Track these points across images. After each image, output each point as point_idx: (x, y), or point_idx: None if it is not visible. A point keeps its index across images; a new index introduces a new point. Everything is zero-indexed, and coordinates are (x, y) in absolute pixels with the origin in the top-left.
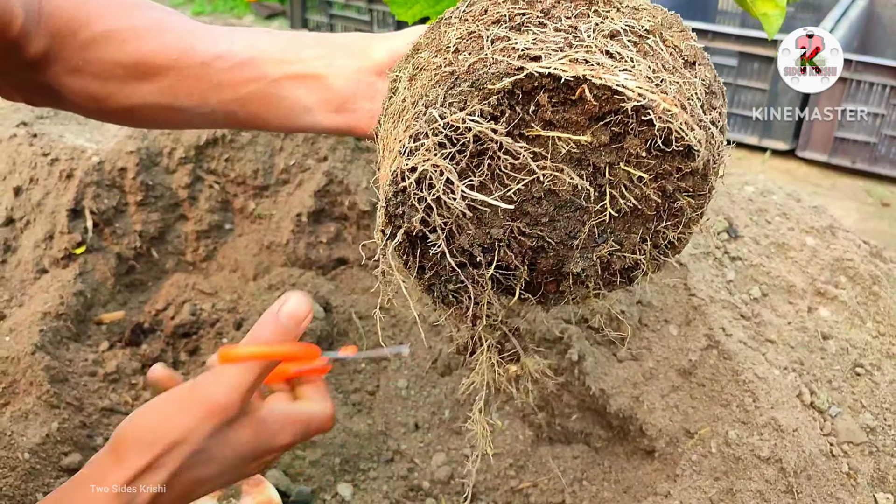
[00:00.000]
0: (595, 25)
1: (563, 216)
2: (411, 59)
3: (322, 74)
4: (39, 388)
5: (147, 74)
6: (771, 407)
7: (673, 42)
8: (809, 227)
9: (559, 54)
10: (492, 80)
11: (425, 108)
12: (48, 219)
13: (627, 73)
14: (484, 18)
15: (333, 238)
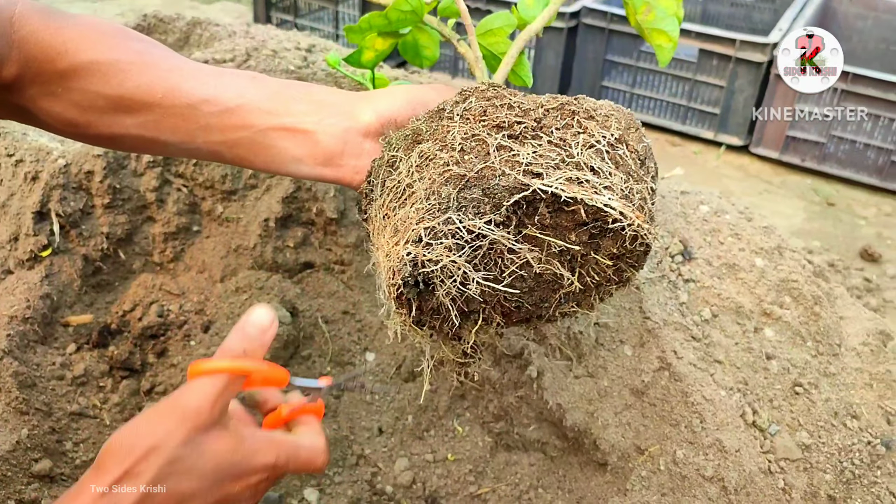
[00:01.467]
0: (580, 139)
1: (541, 288)
2: (414, 146)
3: (311, 131)
4: (8, 395)
5: (130, 109)
6: (716, 428)
7: (633, 146)
8: (759, 248)
9: (557, 172)
10: (503, 192)
11: (439, 206)
12: (13, 220)
13: (610, 192)
14: (485, 121)
15: (300, 242)
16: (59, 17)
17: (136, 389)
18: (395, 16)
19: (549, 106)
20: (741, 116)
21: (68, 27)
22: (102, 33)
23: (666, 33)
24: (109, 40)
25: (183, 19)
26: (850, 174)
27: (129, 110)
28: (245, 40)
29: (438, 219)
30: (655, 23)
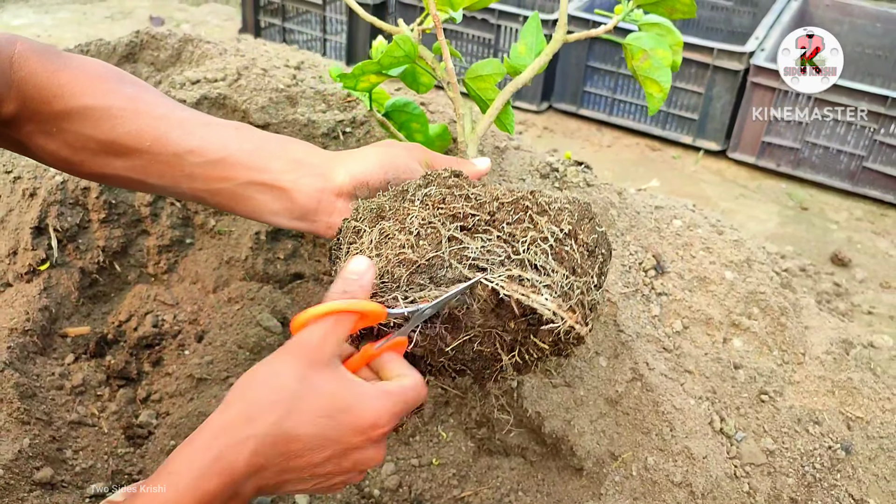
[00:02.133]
0: (528, 235)
1: (482, 359)
2: (377, 222)
3: (288, 189)
4: (10, 406)
5: (120, 153)
6: (685, 436)
7: (583, 239)
8: (729, 261)
9: (501, 269)
10: (448, 283)
11: (391, 287)
12: (11, 235)
13: (549, 290)
14: (442, 209)
15: (290, 254)
16: (56, 59)
17: (133, 398)
18: (388, 62)
19: (503, 200)
20: (719, 122)
21: (64, 70)
22: (97, 77)
23: (658, 84)
24: (103, 85)
25: (175, 36)
26: (823, 179)
27: (118, 154)
28: (236, 58)
29: (388, 297)
30: (649, 71)
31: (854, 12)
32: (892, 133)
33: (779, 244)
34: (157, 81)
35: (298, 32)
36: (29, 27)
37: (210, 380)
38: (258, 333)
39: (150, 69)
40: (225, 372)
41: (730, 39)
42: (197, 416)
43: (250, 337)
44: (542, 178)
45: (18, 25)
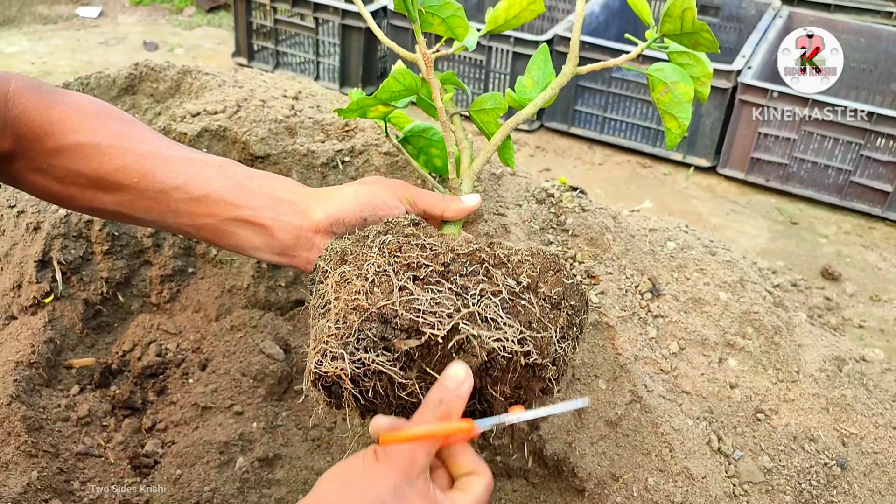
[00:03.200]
0: (481, 289)
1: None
2: (339, 266)
3: (268, 226)
4: (18, 439)
5: (109, 189)
6: (684, 456)
7: (544, 292)
8: (722, 282)
9: (449, 324)
10: (397, 333)
11: (343, 333)
12: (16, 269)
13: (499, 343)
14: (398, 258)
15: (291, 282)
16: (48, 97)
17: (139, 427)
18: (385, 96)
19: (459, 251)
20: (708, 139)
21: (56, 107)
22: (87, 114)
23: (677, 120)
24: (93, 122)
25: (173, 68)
26: (811, 193)
27: (107, 189)
28: (234, 90)
29: (339, 343)
30: (669, 106)
31: (837, 27)
32: (878, 147)
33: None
34: (157, 113)
35: (291, 55)
36: (23, 54)
37: (215, 408)
38: (261, 361)
39: (150, 101)
40: (229, 400)
41: (716, 56)
42: (203, 444)
43: (253, 364)
44: (538, 203)
45: (12, 53)
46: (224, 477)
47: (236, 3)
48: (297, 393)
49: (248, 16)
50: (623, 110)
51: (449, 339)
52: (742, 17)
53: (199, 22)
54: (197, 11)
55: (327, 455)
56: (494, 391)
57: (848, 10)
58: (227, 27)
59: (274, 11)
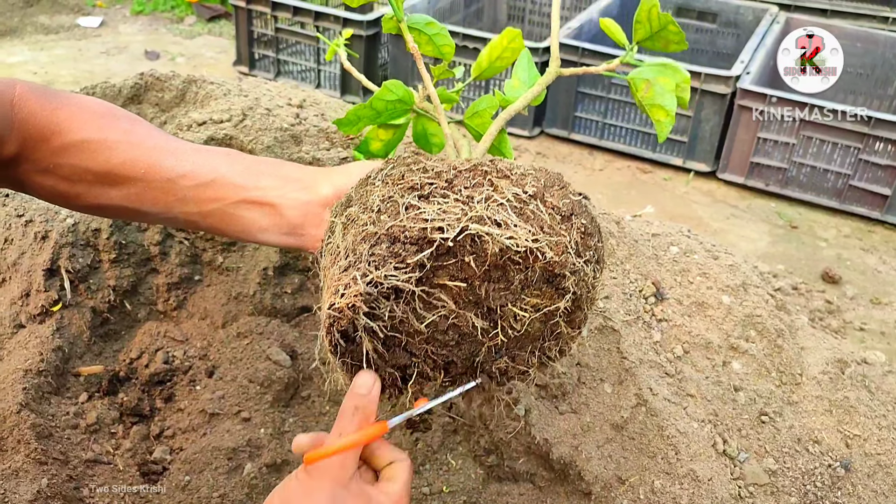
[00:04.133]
0: (485, 194)
1: (467, 341)
2: (345, 210)
3: (277, 204)
4: (27, 447)
5: (116, 182)
6: (690, 459)
7: (552, 202)
8: (725, 286)
9: (458, 225)
10: (408, 246)
11: (354, 263)
12: (24, 277)
13: (512, 241)
14: (401, 184)
15: (297, 289)
16: (54, 98)
17: (147, 434)
18: (380, 105)
19: (461, 168)
20: (708, 144)
21: (62, 108)
22: (93, 113)
23: (664, 109)
24: (99, 120)
25: (179, 77)
26: (811, 197)
27: (114, 183)
28: (239, 99)
29: (352, 274)
30: (654, 98)
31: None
32: (877, 151)
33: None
34: (163, 122)
35: (293, 63)
36: (25, 64)
37: (222, 414)
38: (268, 367)
39: (155, 110)
40: (237, 406)
41: (715, 61)
42: (210, 450)
43: (260, 371)
44: None
45: (14, 63)
46: (232, 483)
47: (238, 12)
48: (303, 399)
49: (250, 24)
50: (623, 116)
51: (460, 244)
52: (740, 23)
53: (200, 31)
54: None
55: None
56: (516, 307)
57: (845, 15)
58: (227, 36)
59: (275, 20)
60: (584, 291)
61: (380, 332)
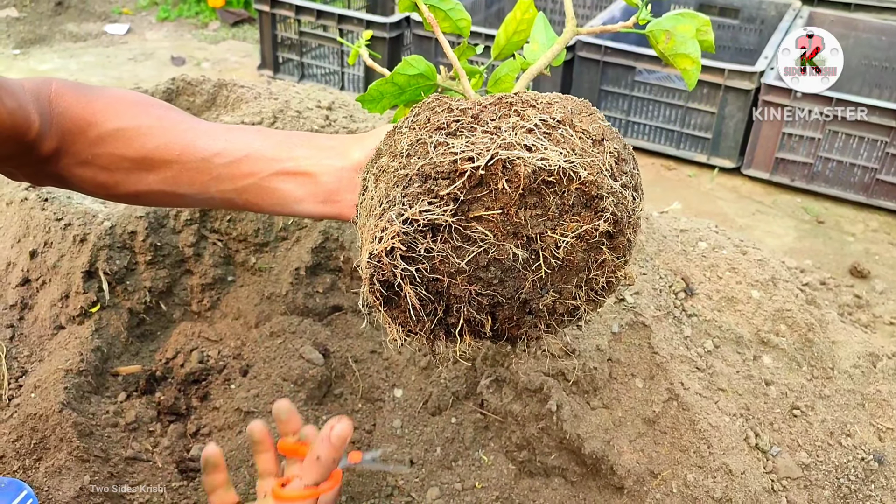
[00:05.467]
0: (514, 124)
1: (510, 277)
2: (375, 163)
3: (311, 172)
4: (70, 444)
5: (152, 167)
6: (723, 453)
7: (581, 127)
8: (755, 281)
9: (488, 153)
10: (440, 180)
11: (388, 207)
12: (63, 279)
13: (543, 161)
14: (427, 126)
15: (329, 288)
16: (89, 92)
17: (183, 432)
18: (401, 80)
19: (485, 103)
20: (732, 140)
21: (97, 99)
22: (127, 102)
23: (689, 56)
24: (133, 108)
25: (209, 82)
26: (837, 192)
27: (151, 168)
28: (270, 101)
29: (387, 216)
30: (676, 48)
31: (859, 27)
32: None
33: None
34: None
35: (317, 66)
36: (55, 72)
37: (257, 412)
38: (301, 366)
39: None
40: (271, 405)
41: (738, 57)
42: (246, 448)
43: (294, 369)
44: None
45: (45, 70)
46: None
47: (262, 17)
48: (336, 396)
49: (274, 28)
50: (646, 114)
51: (492, 170)
52: (762, 19)
53: (224, 36)
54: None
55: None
56: (556, 234)
57: (869, 8)
58: (251, 40)
59: (298, 24)
60: (625, 215)
61: (421, 276)
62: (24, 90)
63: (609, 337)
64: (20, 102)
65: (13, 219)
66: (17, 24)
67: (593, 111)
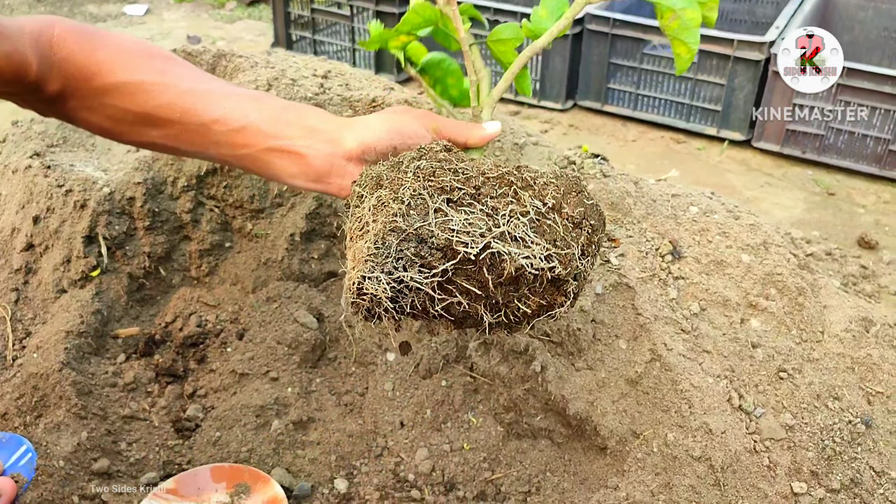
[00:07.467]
0: (509, 209)
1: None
2: (375, 191)
3: (303, 154)
4: (68, 402)
5: (155, 124)
6: (703, 413)
7: (568, 211)
8: (745, 245)
9: (482, 242)
10: (433, 251)
11: (383, 251)
12: (65, 244)
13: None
14: (432, 182)
15: (324, 254)
16: (92, 38)
17: (181, 393)
18: (406, 28)
19: (489, 175)
20: (742, 112)
21: (101, 48)
22: (130, 53)
23: (686, 45)
24: (135, 60)
25: (209, 52)
26: (849, 164)
27: (153, 125)
28: (266, 70)
29: (379, 261)
30: (678, 32)
31: None
32: None
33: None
34: None
35: (329, 44)
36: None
37: (252, 374)
38: (296, 329)
39: None
40: (265, 367)
41: (753, 30)
42: (240, 408)
43: (288, 333)
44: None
45: None
46: (260, 438)
47: None
48: (330, 360)
49: (286, 6)
50: (656, 87)
51: (481, 256)
52: None
53: (240, 15)
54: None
55: (359, 418)
56: (521, 303)
57: None
58: (266, 19)
59: (311, 1)
60: (583, 284)
61: (398, 312)
62: (23, 32)
63: (593, 298)
64: (16, 46)
65: (18, 186)
66: (39, 5)
67: (581, 189)
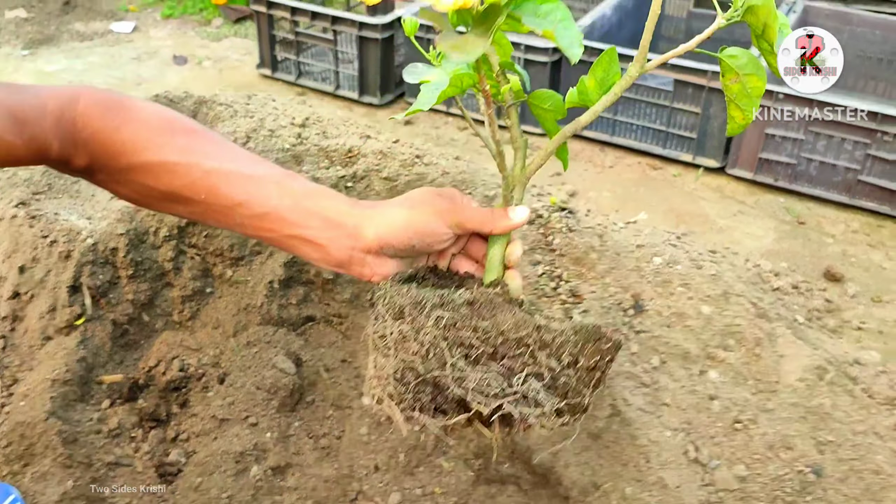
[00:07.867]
0: (526, 372)
1: None
2: (398, 320)
3: (324, 245)
4: (54, 451)
5: (180, 202)
6: (660, 467)
7: (584, 365)
8: (706, 296)
9: (494, 402)
10: (448, 403)
11: (402, 389)
12: (50, 293)
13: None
14: (451, 334)
15: (302, 299)
16: (117, 116)
17: (164, 438)
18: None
19: (509, 335)
20: (717, 140)
21: (126, 126)
22: (154, 131)
23: (743, 112)
24: (160, 138)
25: (191, 98)
26: (820, 192)
27: (179, 202)
28: (245, 120)
29: (397, 397)
30: (737, 97)
31: (853, 20)
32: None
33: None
34: None
35: (313, 65)
36: (62, 72)
37: (232, 420)
38: (274, 375)
39: None
40: (245, 412)
41: None
42: (220, 454)
43: (267, 379)
44: (527, 224)
45: (52, 71)
46: (240, 484)
47: (259, 17)
48: (308, 403)
49: (271, 28)
50: (633, 114)
51: (493, 414)
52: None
53: (227, 33)
54: (224, 22)
55: (335, 462)
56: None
57: (866, 1)
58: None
59: (295, 24)
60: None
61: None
62: (45, 113)
63: None
64: (36, 131)
65: (4, 235)
66: (26, 24)
67: (600, 336)
